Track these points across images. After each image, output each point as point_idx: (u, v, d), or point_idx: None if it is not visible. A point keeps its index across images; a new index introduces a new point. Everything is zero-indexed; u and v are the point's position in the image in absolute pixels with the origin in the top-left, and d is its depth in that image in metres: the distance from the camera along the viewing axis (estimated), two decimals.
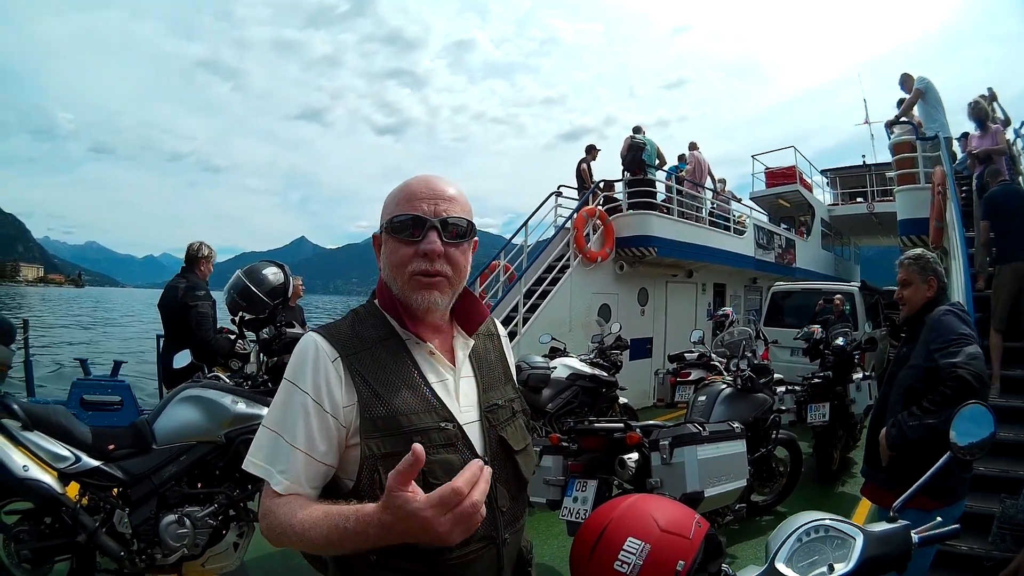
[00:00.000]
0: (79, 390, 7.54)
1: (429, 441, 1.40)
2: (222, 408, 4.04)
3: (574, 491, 4.16)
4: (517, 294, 11.33)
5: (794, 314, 12.87)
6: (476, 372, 1.60)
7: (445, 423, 1.46)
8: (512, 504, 1.56)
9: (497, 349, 1.74)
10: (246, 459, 1.38)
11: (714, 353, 8.27)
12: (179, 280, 6.19)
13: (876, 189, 20.46)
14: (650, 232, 12.48)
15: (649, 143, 13.15)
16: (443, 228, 1.46)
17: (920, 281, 3.52)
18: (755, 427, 5.67)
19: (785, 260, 18.33)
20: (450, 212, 1.48)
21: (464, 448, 1.47)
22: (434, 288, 1.48)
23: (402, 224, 1.47)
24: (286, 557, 4.82)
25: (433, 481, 1.36)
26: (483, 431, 1.53)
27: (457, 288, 1.55)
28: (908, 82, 10.54)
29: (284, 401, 1.41)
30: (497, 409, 1.59)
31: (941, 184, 8.14)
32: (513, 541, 1.56)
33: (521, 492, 1.61)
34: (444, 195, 1.49)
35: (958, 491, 3.28)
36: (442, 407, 1.47)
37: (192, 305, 5.85)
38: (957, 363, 3.10)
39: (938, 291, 3.52)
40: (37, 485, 3.66)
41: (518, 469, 1.58)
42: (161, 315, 6.26)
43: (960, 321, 3.29)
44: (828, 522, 1.45)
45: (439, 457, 1.41)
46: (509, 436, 1.57)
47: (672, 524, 1.49)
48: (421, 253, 1.45)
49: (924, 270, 3.52)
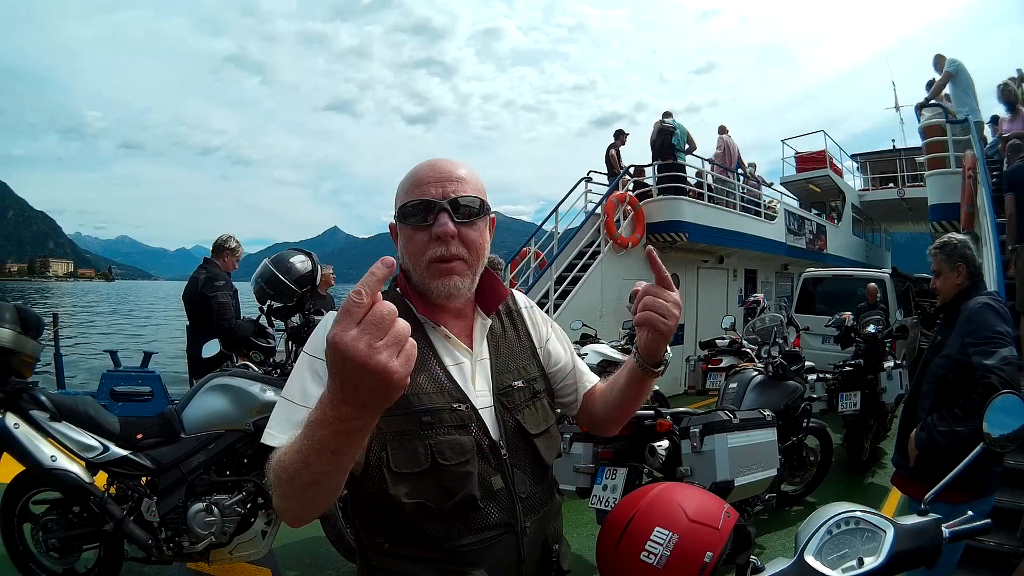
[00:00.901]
0: (109, 381, 7.63)
1: (440, 421, 1.40)
2: (251, 396, 4.04)
3: (604, 479, 4.14)
4: (548, 280, 11.30)
5: (825, 301, 12.73)
6: (492, 355, 1.58)
7: (458, 404, 1.44)
8: (533, 489, 1.53)
9: (521, 325, 1.71)
10: (264, 432, 1.32)
11: (745, 340, 8.20)
12: (200, 271, 6.28)
13: (907, 174, 20.15)
14: (681, 217, 12.37)
15: (679, 127, 12.99)
16: (454, 209, 1.44)
17: (948, 269, 3.44)
18: (786, 415, 5.60)
19: (816, 246, 18.12)
20: (459, 192, 1.45)
21: (478, 431, 1.45)
22: (453, 273, 1.45)
23: (413, 210, 1.45)
24: (314, 544, 4.86)
25: (442, 462, 1.37)
26: (497, 414, 1.50)
27: (476, 268, 1.51)
28: (941, 63, 10.35)
29: (302, 372, 1.38)
30: (512, 392, 1.55)
31: (972, 168, 8.01)
32: (535, 530, 1.52)
33: (543, 477, 1.58)
34: (452, 176, 1.47)
35: (988, 485, 3.20)
36: (456, 389, 1.46)
37: (211, 296, 5.93)
38: (990, 367, 3.02)
39: (968, 276, 3.41)
40: (65, 475, 3.71)
41: (537, 453, 1.55)
42: (185, 306, 6.33)
43: (997, 316, 3.20)
44: (859, 514, 1.41)
45: (449, 438, 1.40)
46: (526, 419, 1.54)
47: (701, 514, 1.46)
48: (435, 237, 1.43)
49: (951, 257, 3.43)
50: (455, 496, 1.38)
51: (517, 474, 1.49)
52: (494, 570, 1.43)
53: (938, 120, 10.02)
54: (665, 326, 1.47)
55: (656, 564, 1.39)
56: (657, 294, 1.48)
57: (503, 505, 1.44)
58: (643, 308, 1.47)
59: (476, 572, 1.40)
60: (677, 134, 12.91)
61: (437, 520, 1.38)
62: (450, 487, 1.38)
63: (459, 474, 1.39)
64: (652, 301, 1.47)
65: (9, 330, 3.80)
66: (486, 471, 1.43)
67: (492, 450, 1.46)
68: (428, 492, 1.37)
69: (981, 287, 3.43)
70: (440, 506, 1.37)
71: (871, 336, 7.76)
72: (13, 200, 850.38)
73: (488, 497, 1.42)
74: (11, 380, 3.81)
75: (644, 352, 1.56)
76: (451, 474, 1.38)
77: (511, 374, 1.58)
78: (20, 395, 3.79)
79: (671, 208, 12.46)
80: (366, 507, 1.43)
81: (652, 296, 1.48)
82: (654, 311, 1.47)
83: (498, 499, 1.44)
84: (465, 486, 1.38)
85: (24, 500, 3.98)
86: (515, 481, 1.48)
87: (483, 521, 1.42)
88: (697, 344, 10.43)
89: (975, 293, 3.35)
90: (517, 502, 1.47)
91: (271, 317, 5.01)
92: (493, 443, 1.46)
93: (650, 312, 1.47)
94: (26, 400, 3.78)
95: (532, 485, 1.52)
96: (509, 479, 1.47)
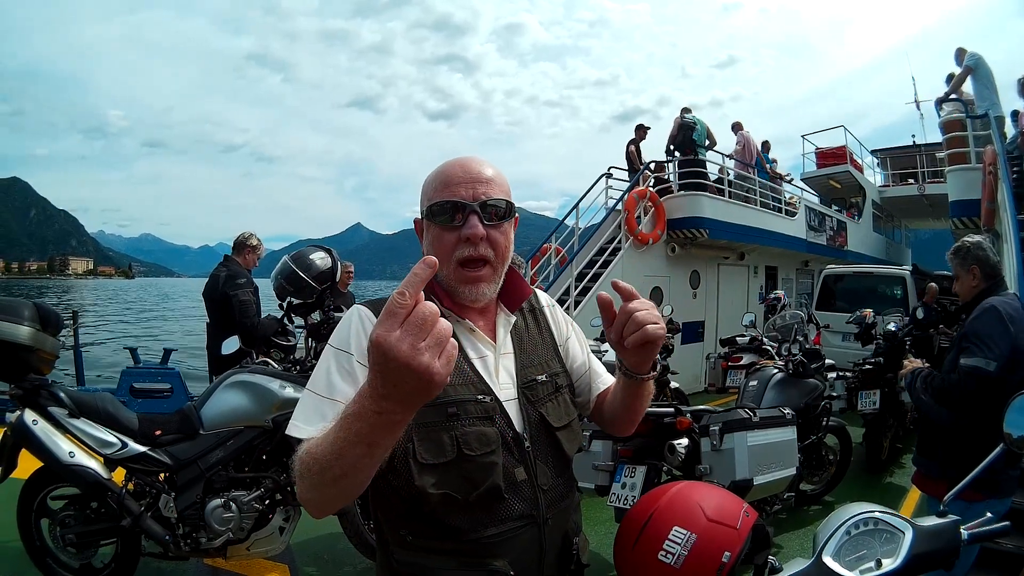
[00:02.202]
0: (129, 378, 7.70)
1: (465, 412, 1.41)
2: (270, 393, 4.06)
3: (623, 477, 4.12)
4: (568, 277, 11.29)
5: (846, 298, 12.60)
6: (516, 349, 1.59)
7: (483, 396, 1.45)
8: (555, 482, 1.54)
9: (543, 322, 1.73)
10: (289, 424, 1.34)
11: (766, 337, 8.14)
12: (220, 269, 6.31)
13: (927, 170, 20.00)
14: (701, 213, 12.33)
15: (699, 123, 12.98)
16: (483, 211, 1.45)
17: (964, 272, 3.47)
18: (806, 414, 5.57)
19: (837, 243, 17.98)
20: (489, 194, 1.46)
21: (503, 422, 1.46)
22: (480, 281, 1.48)
23: (441, 209, 1.46)
24: (332, 541, 4.86)
25: (468, 452, 1.38)
26: (521, 407, 1.52)
27: (501, 270, 1.53)
28: (963, 56, 10.25)
29: (327, 364, 1.39)
30: (536, 385, 1.57)
31: (992, 164, 7.90)
32: (556, 522, 1.53)
33: (565, 470, 1.59)
34: (482, 177, 1.48)
35: (1003, 487, 3.19)
36: (480, 381, 1.47)
37: (233, 293, 5.95)
38: (961, 366, 3.18)
39: (984, 277, 3.43)
40: (83, 471, 3.74)
41: (559, 447, 1.56)
42: (205, 303, 6.36)
43: (996, 320, 3.19)
44: (877, 515, 1.40)
45: (474, 429, 1.41)
46: (549, 413, 1.55)
47: (719, 513, 1.45)
48: (464, 238, 1.44)
49: (964, 260, 3.46)
50: (480, 487, 1.39)
51: (539, 466, 1.50)
52: (516, 561, 1.43)
53: (958, 115, 9.92)
54: (658, 331, 1.39)
55: (674, 564, 1.39)
56: (639, 307, 1.38)
57: (526, 496, 1.46)
58: (637, 324, 1.36)
59: (498, 563, 1.41)
60: (697, 130, 12.90)
61: (462, 511, 1.39)
62: (476, 477, 1.39)
63: (485, 464, 1.40)
64: (646, 315, 1.37)
65: (28, 327, 3.83)
66: (510, 462, 1.45)
67: (516, 442, 1.47)
68: (454, 483, 1.37)
69: (999, 287, 3.44)
70: (466, 497, 1.38)
71: (891, 334, 7.69)
72: (35, 199, 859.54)
73: (512, 488, 1.44)
74: (30, 377, 3.85)
75: (635, 367, 1.51)
76: (477, 464, 1.39)
77: (535, 368, 1.60)
78: (39, 392, 3.83)
79: (691, 204, 12.43)
80: (389, 501, 1.44)
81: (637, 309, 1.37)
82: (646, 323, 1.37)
83: (521, 491, 1.45)
84: (490, 476, 1.40)
85: (42, 496, 4.02)
86: (537, 473, 1.49)
87: (506, 512, 1.43)
88: (717, 341, 10.43)
89: (991, 293, 3.37)
90: (539, 493, 1.48)
91: (291, 314, 5.03)
92: (517, 435, 1.48)
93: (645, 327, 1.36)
94: (45, 397, 3.82)
95: (554, 477, 1.53)
96: (532, 471, 1.48)
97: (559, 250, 13.04)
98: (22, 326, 3.81)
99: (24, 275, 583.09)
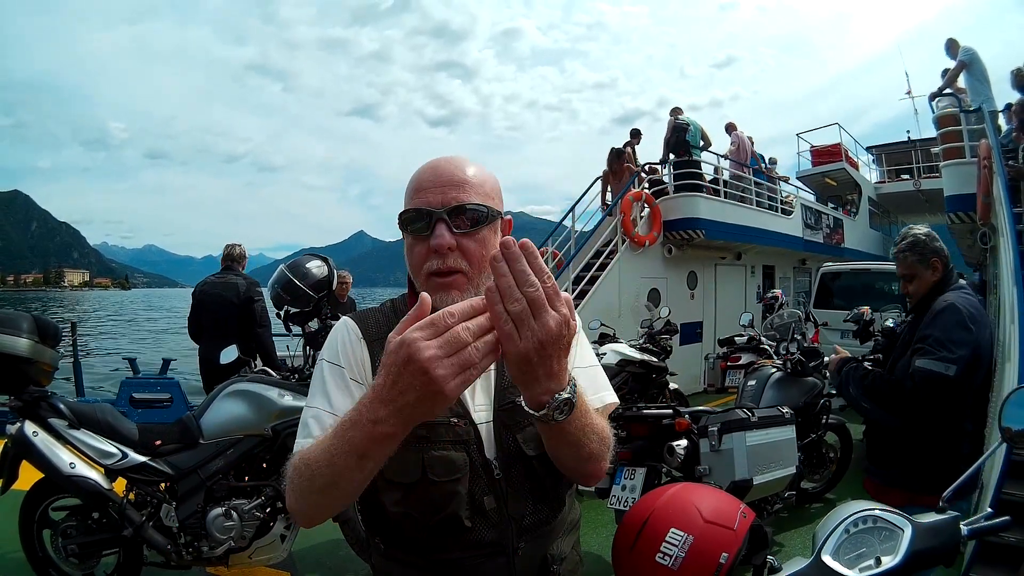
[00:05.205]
0: (128, 389, 7.72)
1: (435, 435, 1.34)
2: (269, 402, 4.07)
3: (622, 479, 4.13)
4: (566, 280, 11.25)
5: (844, 295, 12.58)
6: (497, 367, 1.42)
7: (457, 419, 1.37)
8: (533, 509, 1.43)
9: None
10: (296, 444, 1.30)
11: (764, 336, 8.13)
12: (235, 277, 6.35)
13: (922, 165, 20.09)
14: (697, 214, 12.36)
15: (693, 124, 12.99)
16: (456, 216, 1.33)
17: (924, 267, 3.23)
18: (805, 412, 5.56)
19: (833, 240, 18.03)
20: (461, 199, 1.34)
21: (473, 447, 1.37)
22: (452, 288, 1.33)
23: (409, 219, 1.37)
24: (333, 548, 4.87)
25: (432, 477, 1.33)
26: (496, 432, 1.40)
27: (478, 280, 1.35)
28: (954, 48, 10.27)
29: (322, 378, 1.38)
30: (514, 408, 1.36)
31: (987, 158, 7.91)
32: (530, 550, 1.42)
33: (545, 498, 1.45)
34: (453, 180, 1.36)
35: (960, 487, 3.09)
36: (456, 403, 1.28)
37: (257, 300, 6.09)
38: (915, 368, 2.90)
39: (944, 270, 3.21)
40: (84, 481, 3.74)
41: (536, 474, 1.42)
42: (205, 312, 6.35)
43: (956, 321, 2.95)
44: (876, 512, 1.40)
45: (441, 453, 1.34)
46: (526, 439, 1.40)
47: (716, 515, 1.45)
48: (432, 249, 1.33)
49: (924, 254, 3.22)
50: (441, 512, 1.34)
51: (512, 495, 1.39)
52: None
53: (952, 110, 9.93)
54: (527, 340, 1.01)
55: (671, 565, 1.39)
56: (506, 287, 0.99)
57: (494, 523, 1.38)
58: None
59: None
60: (691, 131, 12.91)
61: (424, 532, 1.36)
62: (438, 503, 1.33)
63: (447, 492, 1.33)
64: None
65: (27, 340, 3.84)
66: (479, 490, 1.37)
67: (485, 469, 1.38)
68: (415, 504, 1.34)
69: (953, 279, 3.23)
70: (425, 520, 1.34)
71: (890, 331, 7.67)
72: (37, 212, 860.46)
73: (478, 516, 1.36)
74: (30, 389, 3.85)
75: (525, 398, 1.14)
76: (440, 490, 1.33)
77: (515, 389, 1.32)
78: (39, 403, 3.83)
79: (687, 205, 12.45)
80: (367, 506, 1.43)
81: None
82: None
83: (489, 519, 1.37)
84: (451, 503, 1.33)
85: (44, 507, 4.02)
86: (509, 502, 1.39)
87: (473, 538, 1.36)
88: (716, 342, 10.43)
89: (946, 286, 3.17)
90: (510, 523, 1.39)
91: (288, 322, 5.04)
92: (487, 462, 1.38)
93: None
94: (45, 408, 3.82)
95: (532, 504, 1.43)
96: (503, 499, 1.38)
97: (556, 253, 13.07)
98: (21, 338, 3.81)
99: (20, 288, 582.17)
